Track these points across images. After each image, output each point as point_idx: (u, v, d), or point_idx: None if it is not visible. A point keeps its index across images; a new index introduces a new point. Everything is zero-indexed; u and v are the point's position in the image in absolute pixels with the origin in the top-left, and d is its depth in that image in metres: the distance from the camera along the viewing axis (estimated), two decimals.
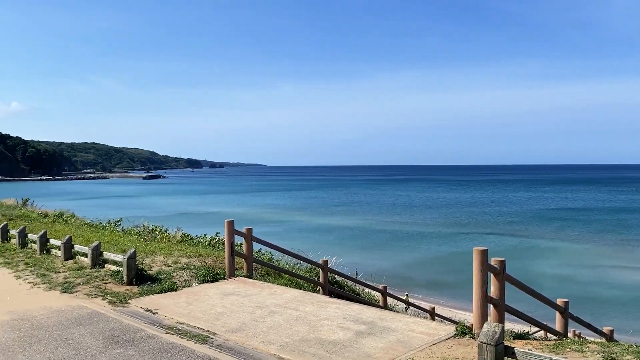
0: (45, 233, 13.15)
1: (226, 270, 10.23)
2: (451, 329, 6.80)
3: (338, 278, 12.43)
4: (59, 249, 12.11)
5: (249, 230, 10.44)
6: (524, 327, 8.44)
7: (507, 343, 5.17)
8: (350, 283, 12.71)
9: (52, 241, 12.82)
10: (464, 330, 6.52)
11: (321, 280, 11.15)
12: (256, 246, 11.10)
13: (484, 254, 6.40)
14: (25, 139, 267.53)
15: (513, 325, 9.39)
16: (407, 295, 18.24)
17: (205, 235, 16.41)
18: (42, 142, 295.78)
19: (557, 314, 8.36)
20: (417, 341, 6.36)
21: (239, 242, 11.15)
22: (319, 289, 10.88)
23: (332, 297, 9.74)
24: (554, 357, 4.84)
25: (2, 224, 15.58)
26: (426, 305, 16.63)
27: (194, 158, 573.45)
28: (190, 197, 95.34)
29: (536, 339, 7.18)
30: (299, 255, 11.69)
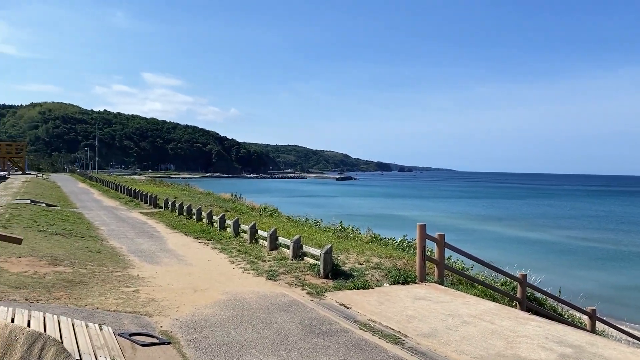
0: (254, 225, 14.30)
1: (417, 274, 10.11)
2: None
3: (537, 295, 11.58)
4: (266, 240, 13.02)
5: (441, 236, 10.21)
6: None
7: None
8: (551, 301, 11.74)
9: (260, 232, 13.84)
10: None
11: (519, 295, 10.47)
12: (447, 253, 10.86)
13: None
14: (239, 141, 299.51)
15: None
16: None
17: (393, 237, 16.53)
18: (252, 144, 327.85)
19: None
20: None
21: (429, 248, 10.99)
22: (516, 304, 10.23)
23: (530, 314, 9.08)
24: None
25: (220, 215, 17.41)
26: None
27: (383, 161, 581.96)
28: (378, 200, 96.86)
29: None
30: (493, 266, 11.12)
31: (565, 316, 11.70)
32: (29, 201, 23.35)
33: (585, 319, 11.92)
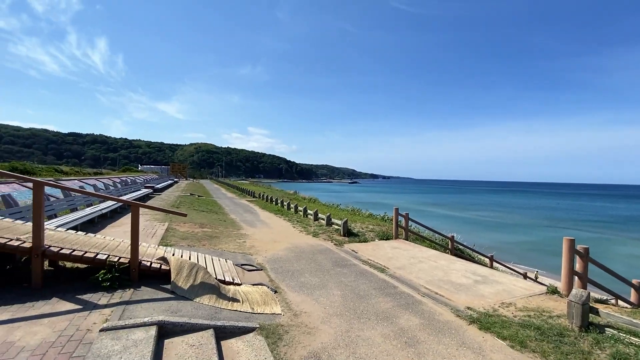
0: (305, 208, 14.17)
1: (393, 234, 9.94)
2: (543, 288, 5.56)
3: (460, 246, 11.17)
4: (311, 215, 12.98)
5: (407, 214, 9.94)
6: (604, 296, 6.53)
7: (591, 304, 4.05)
8: (468, 250, 11.32)
9: (308, 211, 13.71)
10: (553, 290, 5.26)
11: (449, 246, 10.14)
12: (410, 224, 10.57)
13: (572, 242, 5.12)
14: (297, 162, 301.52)
15: (594, 295, 7.30)
16: (512, 263, 15.55)
17: (379, 214, 16.25)
18: (303, 164, 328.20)
19: (632, 290, 6.28)
20: (518, 292, 5.33)
21: (400, 220, 10.75)
22: (448, 252, 9.91)
23: (456, 257, 8.78)
24: (632, 320, 3.64)
25: (287, 201, 17.48)
26: (520, 270, 13.89)
27: (374, 173, 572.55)
28: (370, 193, 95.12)
29: (613, 305, 5.50)
30: (435, 230, 10.82)
31: (476, 259, 11.26)
32: (189, 194, 23.98)
33: (487, 260, 11.48)
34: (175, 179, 53.84)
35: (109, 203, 10.30)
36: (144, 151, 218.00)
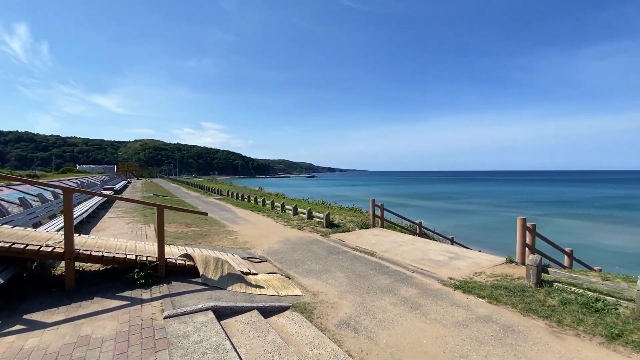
0: (283, 203, 14.44)
1: (371, 223, 10.87)
2: (503, 259, 6.82)
3: (426, 231, 12.51)
4: (290, 210, 13.34)
5: (382, 204, 10.98)
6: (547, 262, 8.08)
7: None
8: (432, 234, 12.69)
9: (287, 206, 14.02)
10: (512, 260, 6.55)
11: (418, 231, 11.40)
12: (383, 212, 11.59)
13: (524, 220, 6.41)
14: (253, 157, 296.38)
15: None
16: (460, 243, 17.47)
17: (348, 206, 17.21)
18: (260, 159, 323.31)
19: (565, 256, 7.89)
20: (485, 263, 6.54)
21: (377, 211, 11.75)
22: (417, 236, 11.14)
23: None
24: (572, 275, 4.88)
25: (262, 198, 17.75)
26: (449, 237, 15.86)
27: (331, 166, 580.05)
28: (329, 187, 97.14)
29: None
30: (405, 217, 11.99)
31: (440, 241, 12.73)
32: (152, 194, 22.99)
33: (449, 242, 12.99)
34: (128, 179, 50.35)
35: (86, 207, 9.93)
36: (80, 149, 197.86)
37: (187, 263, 4.97)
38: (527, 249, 6.53)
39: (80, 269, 5.03)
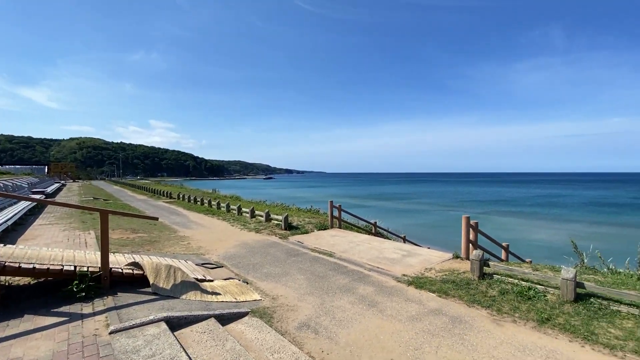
0: (240, 205, 14.09)
1: (329, 224, 11.03)
2: (450, 255, 7.33)
3: (381, 230, 13.00)
4: (247, 213, 13.08)
5: (340, 205, 11.23)
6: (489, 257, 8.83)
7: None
8: (385, 233, 13.19)
9: (244, 209, 13.69)
10: (457, 255, 7.07)
11: (373, 231, 11.81)
12: (340, 213, 11.80)
13: (468, 218, 6.97)
14: (206, 158, 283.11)
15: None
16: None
17: (305, 207, 17.34)
18: (214, 160, 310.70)
19: (502, 250, 8.70)
20: (435, 259, 6.98)
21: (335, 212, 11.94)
22: (373, 235, 11.53)
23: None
24: (508, 267, 5.41)
25: (217, 200, 17.09)
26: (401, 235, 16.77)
27: (289, 168, 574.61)
28: (287, 189, 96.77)
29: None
30: (362, 218, 12.34)
31: (393, 239, 13.29)
32: (92, 198, 20.96)
33: (401, 240, 13.63)
34: (62, 182, 45.33)
35: (10, 214, 8.77)
36: (3, 147, 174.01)
37: (136, 272, 4.62)
38: (470, 244, 7.10)
39: (7, 284, 4.43)
